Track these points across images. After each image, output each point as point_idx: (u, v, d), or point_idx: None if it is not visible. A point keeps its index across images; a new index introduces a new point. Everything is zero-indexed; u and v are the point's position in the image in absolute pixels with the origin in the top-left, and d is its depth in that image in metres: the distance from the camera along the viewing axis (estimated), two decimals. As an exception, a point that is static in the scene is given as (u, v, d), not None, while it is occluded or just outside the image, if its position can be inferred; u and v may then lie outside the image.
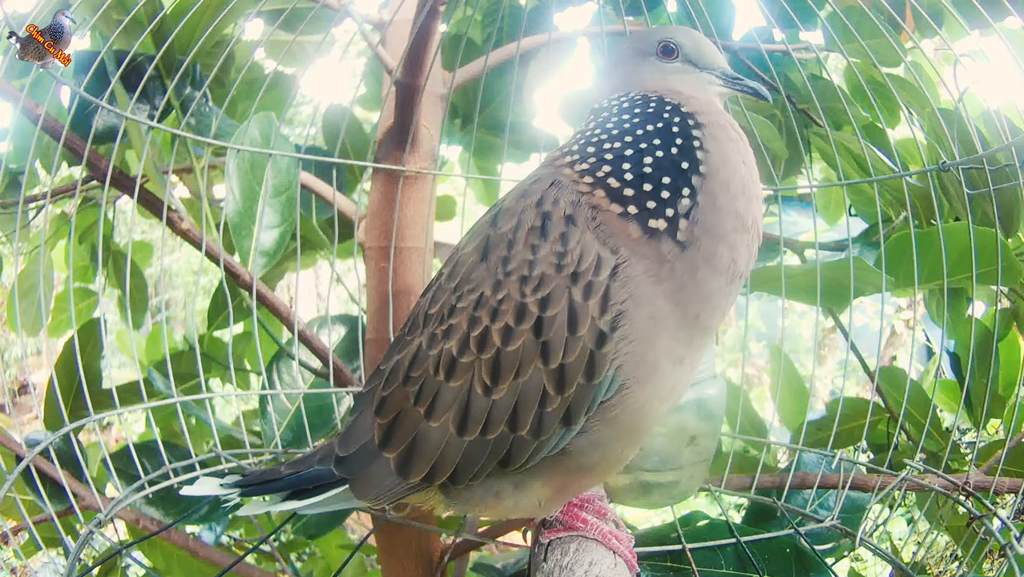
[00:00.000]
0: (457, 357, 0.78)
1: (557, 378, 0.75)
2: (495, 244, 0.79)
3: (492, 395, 0.76)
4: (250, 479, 0.91)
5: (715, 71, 0.88)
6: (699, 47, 0.88)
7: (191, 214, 1.61)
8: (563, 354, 0.75)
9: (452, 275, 0.82)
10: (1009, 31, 1.46)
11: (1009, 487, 1.26)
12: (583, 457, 0.80)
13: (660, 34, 0.89)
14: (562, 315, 0.74)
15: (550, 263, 0.76)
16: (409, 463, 0.81)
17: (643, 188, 0.77)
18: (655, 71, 0.87)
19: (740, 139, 0.82)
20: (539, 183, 0.82)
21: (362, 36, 1.41)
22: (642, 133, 0.80)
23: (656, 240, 0.76)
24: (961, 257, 1.30)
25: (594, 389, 0.75)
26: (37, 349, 4.12)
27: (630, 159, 0.79)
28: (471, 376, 0.77)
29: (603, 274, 0.74)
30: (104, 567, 1.58)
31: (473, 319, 0.77)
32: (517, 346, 0.75)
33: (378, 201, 1.52)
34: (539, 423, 0.76)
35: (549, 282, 0.75)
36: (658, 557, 1.15)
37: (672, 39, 0.87)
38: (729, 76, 0.89)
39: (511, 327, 0.76)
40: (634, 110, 0.83)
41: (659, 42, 0.87)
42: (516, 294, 0.76)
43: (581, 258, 0.75)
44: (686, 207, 0.76)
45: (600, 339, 0.74)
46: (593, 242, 0.76)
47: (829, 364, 5.19)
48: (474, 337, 0.77)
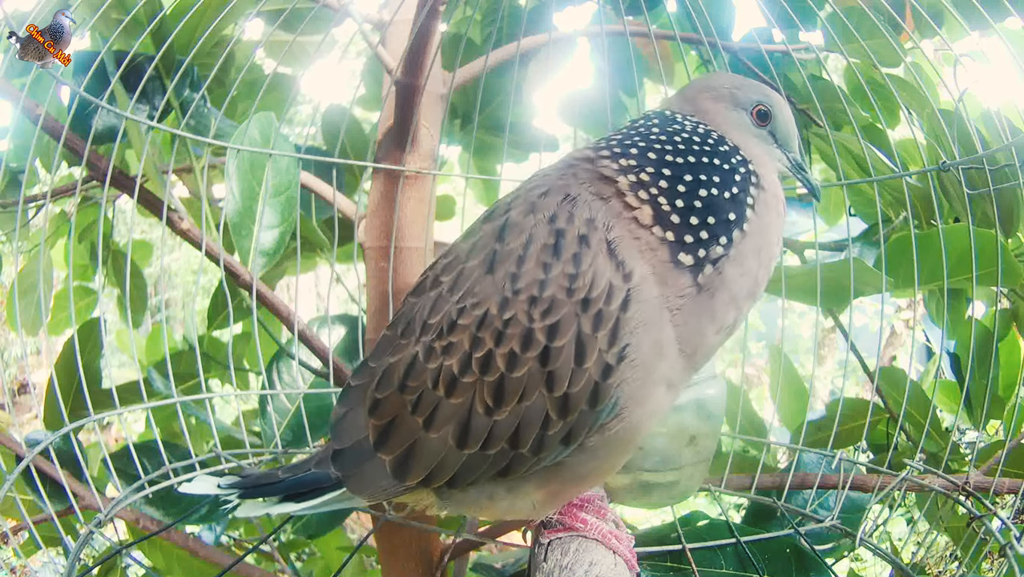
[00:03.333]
0: (458, 376, 0.76)
1: (560, 405, 0.74)
2: (503, 259, 0.77)
3: (494, 416, 0.75)
4: (248, 481, 0.90)
5: (788, 154, 0.90)
6: (787, 126, 0.90)
7: (191, 214, 1.60)
8: (568, 384, 0.73)
9: (455, 287, 0.79)
10: (1009, 31, 1.46)
11: (1009, 487, 1.26)
12: (578, 467, 0.80)
13: (761, 95, 0.88)
14: (569, 347, 0.73)
15: (561, 285, 0.73)
16: (405, 467, 0.80)
17: (689, 220, 0.76)
18: (741, 126, 0.87)
19: (783, 216, 0.84)
20: (550, 196, 0.79)
21: (362, 36, 1.41)
22: (707, 164, 0.79)
23: (679, 272, 0.76)
24: (961, 258, 1.30)
25: (596, 414, 0.75)
26: (37, 348, 4.12)
27: (687, 184, 0.78)
28: (472, 395, 0.76)
29: (614, 303, 0.73)
30: (104, 567, 1.58)
31: (476, 339, 0.75)
32: (522, 373, 0.74)
33: (378, 201, 1.51)
34: (540, 443, 0.76)
35: (559, 308, 0.73)
36: (658, 557, 1.14)
37: (771, 108, 0.88)
38: (796, 164, 0.91)
39: (516, 353, 0.74)
40: (708, 141, 0.82)
41: (757, 103, 0.87)
42: (523, 318, 0.74)
43: (593, 283, 0.73)
44: (717, 255, 0.76)
45: (606, 371, 0.73)
46: (607, 266, 0.74)
47: (829, 364, 5.19)
48: (477, 358, 0.75)
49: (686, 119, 0.85)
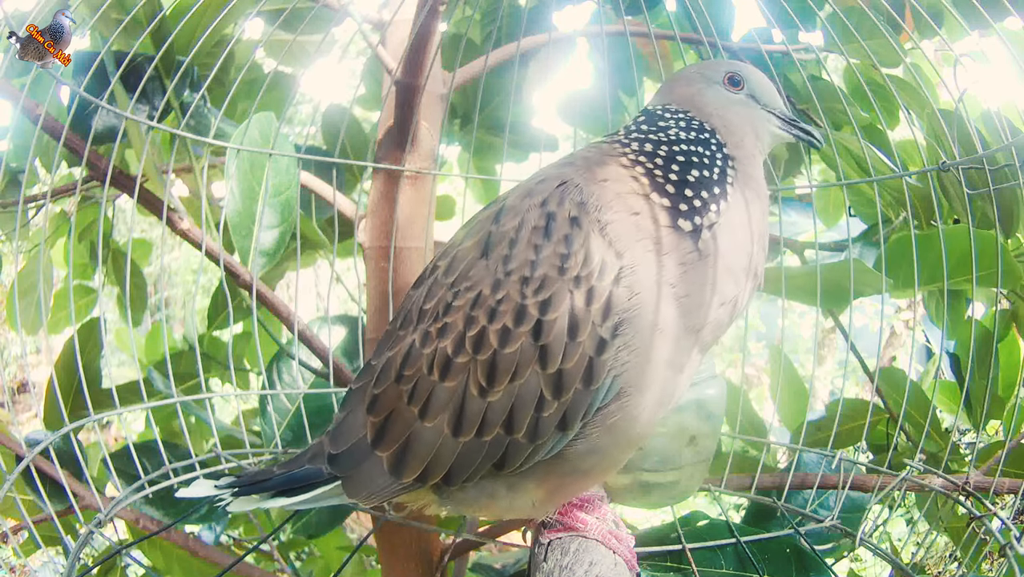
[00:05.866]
0: (452, 357, 0.77)
1: (555, 383, 0.75)
2: (496, 242, 0.79)
3: (487, 397, 0.76)
4: (243, 480, 0.91)
5: (775, 111, 0.92)
6: (762, 85, 0.92)
7: (191, 214, 1.60)
8: (562, 359, 0.74)
9: (449, 270, 0.81)
10: (1009, 32, 1.46)
11: (1009, 487, 1.26)
12: (579, 461, 0.80)
13: (728, 66, 0.92)
14: (562, 320, 0.74)
15: (552, 264, 0.75)
16: (402, 463, 0.80)
17: (684, 192, 0.80)
18: (719, 98, 0.89)
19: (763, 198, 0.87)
20: (545, 183, 0.81)
21: (362, 36, 1.41)
22: (694, 149, 0.84)
23: (681, 237, 0.78)
24: (961, 259, 1.30)
25: (591, 395, 0.75)
26: (36, 348, 4.12)
27: (679, 163, 0.83)
28: (466, 377, 0.77)
29: (607, 279, 0.74)
30: (104, 567, 1.58)
31: (470, 318, 0.77)
32: (515, 349, 0.75)
33: (378, 201, 1.51)
34: (535, 427, 0.76)
35: (551, 284, 0.74)
36: (658, 557, 1.15)
37: (739, 72, 0.91)
38: (787, 117, 0.92)
39: (509, 329, 0.75)
40: (691, 126, 0.87)
41: (727, 73, 0.91)
42: (516, 295, 0.75)
43: (585, 261, 0.74)
44: (712, 221, 0.80)
45: (600, 346, 0.74)
46: (599, 245, 0.75)
47: (829, 364, 5.19)
48: (470, 337, 0.76)
49: (667, 110, 0.89)
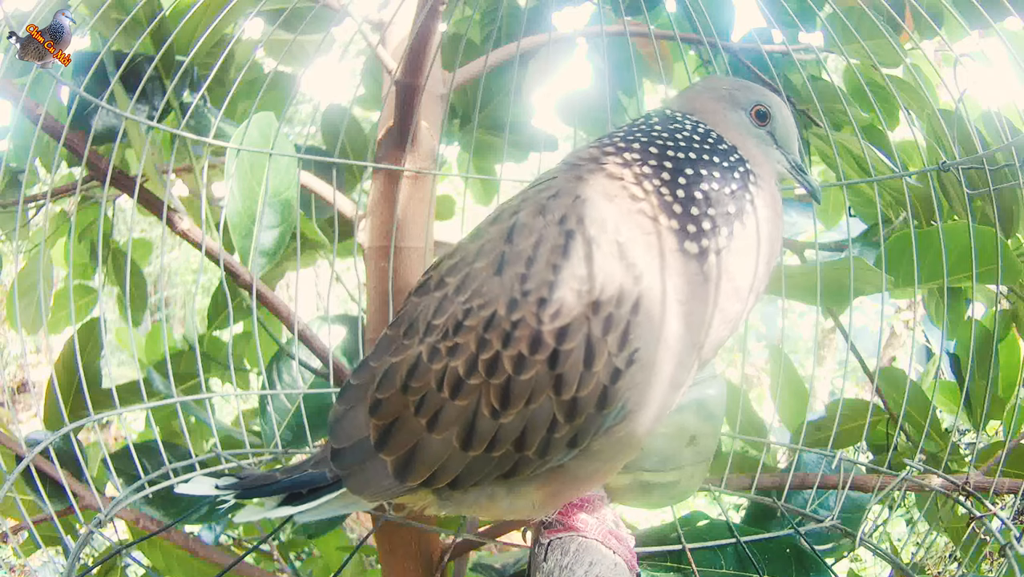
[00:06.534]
0: (464, 378, 0.76)
1: (568, 408, 0.74)
2: (512, 260, 0.76)
3: (500, 419, 0.75)
4: (245, 481, 0.89)
5: (788, 155, 0.91)
6: (787, 127, 0.91)
7: (191, 214, 1.61)
8: (577, 388, 0.73)
9: (462, 287, 0.78)
10: (1009, 32, 1.46)
11: (1009, 488, 1.26)
12: (580, 468, 0.80)
13: (760, 96, 0.90)
14: (579, 350, 0.72)
15: (571, 287, 0.73)
16: (408, 468, 0.79)
17: (691, 211, 0.78)
18: (740, 127, 0.88)
19: (780, 216, 0.85)
20: (560, 198, 0.78)
21: (362, 36, 1.41)
22: (707, 160, 0.81)
23: (687, 260, 0.76)
24: (961, 257, 1.30)
25: (603, 417, 0.75)
26: (36, 347, 4.12)
27: (688, 178, 0.79)
28: (478, 397, 0.75)
29: (625, 307, 0.73)
30: (104, 567, 1.58)
31: (483, 341, 0.75)
32: (530, 376, 0.73)
33: (378, 201, 1.51)
34: (546, 446, 0.75)
35: (569, 310, 0.72)
36: (658, 557, 1.15)
37: (770, 109, 0.89)
38: (796, 165, 0.92)
39: (524, 356, 0.73)
40: (707, 139, 0.84)
41: (756, 105, 0.89)
42: (532, 320, 0.73)
43: (604, 286, 0.73)
44: (720, 245, 0.78)
45: (615, 375, 0.73)
46: (617, 268, 0.73)
47: (829, 364, 5.19)
48: (483, 360, 0.75)
49: (686, 118, 0.86)
